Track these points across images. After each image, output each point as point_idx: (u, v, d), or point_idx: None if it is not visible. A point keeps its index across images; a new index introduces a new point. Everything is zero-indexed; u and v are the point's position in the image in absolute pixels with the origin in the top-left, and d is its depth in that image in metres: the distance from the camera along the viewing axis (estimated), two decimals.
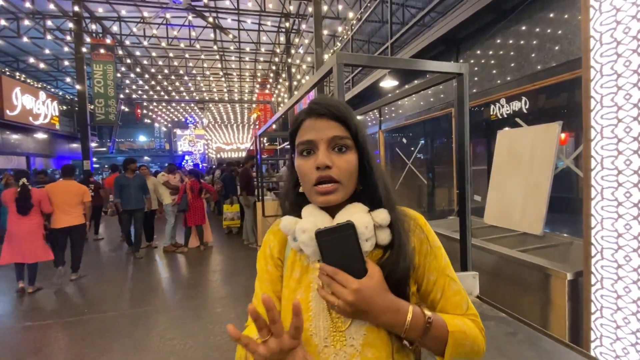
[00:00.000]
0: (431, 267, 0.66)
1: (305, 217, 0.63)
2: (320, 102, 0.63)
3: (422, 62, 1.77)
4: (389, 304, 0.56)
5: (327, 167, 0.59)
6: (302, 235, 0.59)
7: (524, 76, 3.04)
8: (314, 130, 0.61)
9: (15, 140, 9.74)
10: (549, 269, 1.83)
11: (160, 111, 21.92)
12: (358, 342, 0.60)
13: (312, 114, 0.63)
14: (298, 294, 0.64)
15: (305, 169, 0.61)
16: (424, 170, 5.54)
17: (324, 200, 0.60)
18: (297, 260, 0.66)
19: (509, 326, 1.26)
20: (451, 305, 0.65)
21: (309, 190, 0.62)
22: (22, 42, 11.16)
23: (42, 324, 3.33)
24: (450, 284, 0.66)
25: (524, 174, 2.73)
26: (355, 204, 0.63)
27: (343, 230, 0.55)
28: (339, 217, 0.61)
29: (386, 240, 0.61)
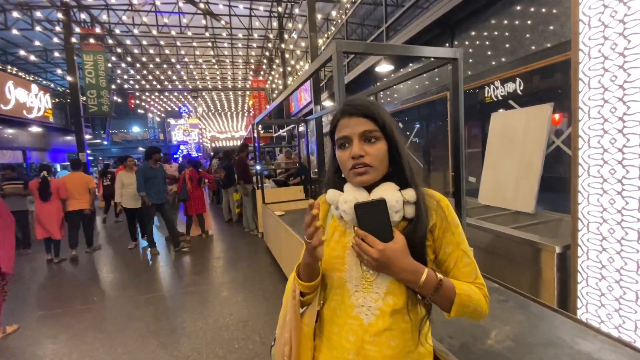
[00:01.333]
0: (447, 241, 0.80)
1: (347, 192, 0.79)
2: (351, 104, 0.78)
3: (419, 48, 1.83)
4: (408, 265, 0.72)
5: (360, 156, 0.75)
6: (344, 205, 0.76)
7: (518, 58, 3.10)
8: (348, 127, 0.77)
9: (10, 134, 9.65)
10: (539, 243, 1.95)
11: (153, 101, 21.63)
12: (382, 290, 0.77)
13: (345, 114, 0.78)
14: (336, 252, 0.82)
15: (344, 159, 0.77)
16: (419, 154, 5.63)
17: (359, 181, 0.76)
18: (337, 225, 0.84)
19: (501, 295, 1.38)
20: (462, 274, 0.80)
21: (347, 174, 0.78)
22: (11, 35, 10.88)
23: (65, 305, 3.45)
24: (462, 257, 0.80)
25: (516, 154, 2.82)
26: (388, 183, 0.78)
27: (377, 205, 0.70)
28: (374, 193, 0.76)
29: (411, 214, 0.76)
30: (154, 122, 28.93)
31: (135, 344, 2.76)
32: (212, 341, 2.73)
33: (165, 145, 27.13)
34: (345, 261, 0.80)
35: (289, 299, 0.84)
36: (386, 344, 0.76)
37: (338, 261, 0.81)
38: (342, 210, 0.77)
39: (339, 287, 0.80)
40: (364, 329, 0.77)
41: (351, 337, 0.78)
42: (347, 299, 0.79)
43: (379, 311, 0.76)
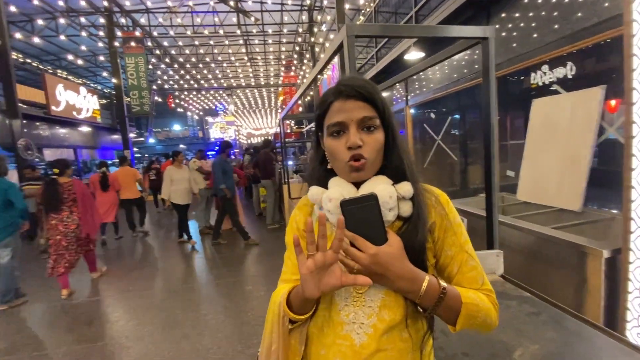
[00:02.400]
0: (450, 243, 0.69)
1: (331, 187, 0.68)
2: (347, 84, 0.65)
3: (442, 27, 1.65)
4: (405, 271, 0.60)
5: (358, 146, 0.63)
6: (329, 203, 0.65)
7: (564, 37, 2.75)
8: (344, 111, 0.64)
9: (63, 134, 10.55)
10: (584, 246, 1.70)
11: (191, 100, 22.59)
12: (376, 303, 0.65)
13: (340, 96, 0.65)
14: None
15: (337, 149, 0.65)
16: (455, 146, 5.30)
17: (356, 177, 0.65)
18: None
19: (533, 306, 1.20)
20: (467, 280, 0.68)
21: (341, 168, 0.66)
22: (61, 41, 11.84)
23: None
24: (467, 260, 0.69)
25: (561, 145, 2.52)
26: (379, 177, 0.67)
27: (366, 201, 0.59)
28: (364, 188, 0.65)
29: (408, 211, 0.65)
30: (193, 120, 30.28)
31: (161, 334, 2.86)
32: (231, 335, 2.76)
33: (204, 143, 28.33)
34: None
35: (275, 324, 0.69)
36: None
37: None
38: (327, 209, 0.65)
39: (326, 302, 0.69)
40: (354, 351, 0.65)
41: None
42: (336, 315, 0.67)
43: (372, 329, 0.65)
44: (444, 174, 5.61)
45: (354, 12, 11.91)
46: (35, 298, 3.79)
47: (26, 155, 7.00)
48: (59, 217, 3.66)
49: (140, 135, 19.40)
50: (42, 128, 9.62)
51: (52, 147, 10.17)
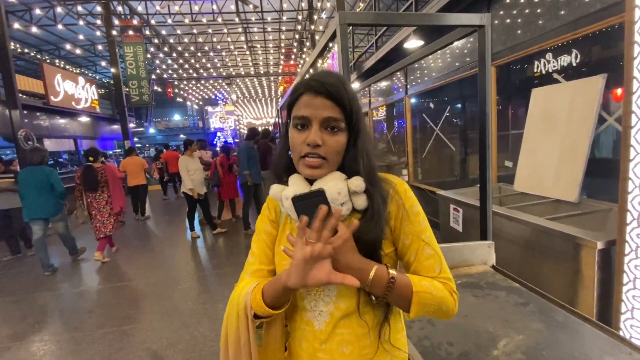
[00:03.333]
0: (406, 231, 0.71)
1: (291, 185, 0.70)
2: (319, 79, 0.65)
3: (438, 15, 1.61)
4: (353, 262, 0.62)
5: (316, 145, 0.64)
6: (286, 202, 0.67)
7: (566, 24, 2.68)
8: (310, 107, 0.65)
9: (62, 124, 10.53)
10: (578, 237, 1.70)
11: (190, 89, 22.42)
12: (333, 292, 0.70)
13: (310, 90, 0.65)
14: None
15: (297, 142, 0.66)
16: (454, 136, 5.25)
17: (310, 174, 0.67)
18: (288, 222, 0.76)
19: (521, 297, 1.20)
20: (424, 268, 0.70)
21: (297, 161, 0.68)
22: (60, 30, 11.70)
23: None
24: (424, 248, 0.70)
25: (559, 135, 2.49)
26: (334, 173, 0.68)
27: (314, 196, 0.62)
28: (315, 185, 0.67)
29: (363, 205, 0.67)
30: (192, 110, 30.11)
31: (161, 322, 2.90)
32: None
33: (204, 133, 28.24)
34: None
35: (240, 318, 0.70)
36: (338, 351, 0.69)
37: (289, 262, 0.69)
38: (285, 207, 0.68)
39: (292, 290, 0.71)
40: (314, 336, 0.71)
41: (304, 344, 0.72)
42: (300, 302, 0.73)
43: (329, 316, 0.69)
44: (442, 164, 5.58)
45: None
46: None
47: (27, 146, 7.00)
48: (93, 196, 4.46)
49: (140, 125, 19.31)
50: (42, 118, 9.60)
51: (52, 137, 10.16)
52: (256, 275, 0.76)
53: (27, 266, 4.66)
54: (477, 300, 1.20)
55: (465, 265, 1.48)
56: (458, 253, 1.49)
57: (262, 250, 0.77)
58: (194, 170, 5.33)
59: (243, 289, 0.72)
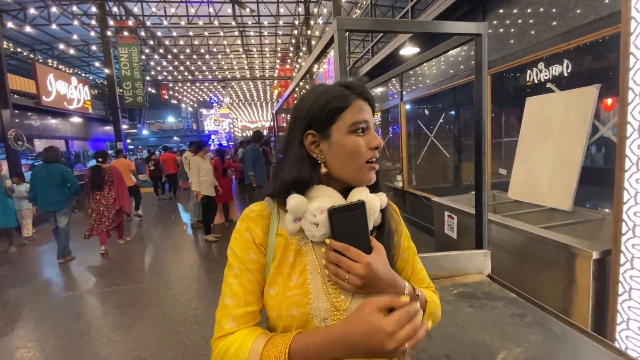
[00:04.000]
0: (404, 247, 0.73)
1: (319, 197, 0.62)
2: (365, 89, 0.66)
3: (435, 23, 1.61)
4: (392, 277, 0.60)
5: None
6: (319, 215, 0.59)
7: (560, 34, 2.72)
8: (365, 112, 0.64)
9: (54, 124, 10.36)
10: (573, 247, 1.69)
11: (185, 92, 22.32)
12: None
13: (362, 96, 0.65)
14: (293, 279, 0.62)
15: (360, 146, 0.62)
16: (449, 143, 5.28)
17: (373, 177, 0.65)
18: (289, 244, 0.64)
19: (518, 307, 1.18)
20: (418, 280, 0.74)
21: (358, 167, 0.63)
22: (54, 29, 11.58)
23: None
24: (418, 262, 0.75)
25: (553, 144, 2.50)
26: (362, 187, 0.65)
27: (356, 209, 0.58)
28: (353, 196, 0.63)
29: (379, 221, 0.65)
30: (187, 112, 29.95)
31: (149, 329, 2.83)
32: None
33: (198, 135, 28.07)
34: (309, 290, 0.61)
35: None
36: None
37: (299, 291, 0.61)
38: (312, 222, 0.59)
39: (302, 326, 0.60)
40: None
41: None
42: None
43: None
44: (436, 171, 5.60)
45: (351, 5, 11.78)
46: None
47: (16, 146, 6.87)
48: (102, 194, 4.83)
49: (133, 127, 19.13)
50: (33, 118, 9.44)
51: (43, 137, 9.99)
52: (243, 321, 0.60)
53: (11, 269, 4.54)
54: (474, 311, 1.18)
55: (461, 274, 1.47)
56: (454, 262, 1.48)
57: (248, 288, 0.62)
58: (205, 172, 5.24)
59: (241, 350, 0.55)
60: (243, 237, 0.66)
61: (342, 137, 0.63)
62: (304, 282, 0.61)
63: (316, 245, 0.63)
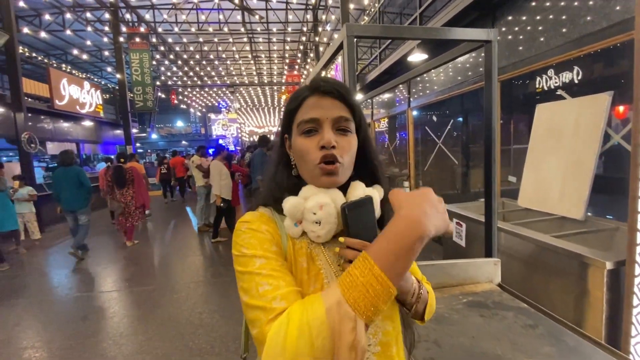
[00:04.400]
0: None
1: (313, 195, 0.58)
2: (327, 80, 0.61)
3: (445, 29, 1.61)
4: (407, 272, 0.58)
5: (332, 146, 0.57)
6: (319, 212, 0.56)
7: (571, 41, 2.70)
8: (320, 108, 0.59)
9: (66, 128, 10.58)
10: (586, 257, 1.66)
11: (194, 97, 22.62)
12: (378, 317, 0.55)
13: (317, 91, 0.60)
14: (311, 286, 0.57)
15: (308, 148, 0.58)
16: (457, 150, 5.24)
17: (329, 181, 0.59)
18: (298, 249, 0.60)
19: (529, 318, 1.16)
20: (413, 272, 0.70)
21: (311, 170, 0.59)
22: (68, 35, 11.87)
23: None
24: None
25: (565, 151, 2.47)
26: (358, 182, 0.63)
27: (366, 204, 0.56)
28: (352, 193, 0.61)
29: (379, 213, 0.62)
30: (195, 117, 30.30)
31: (155, 331, 2.84)
32: (226, 335, 2.73)
33: (206, 139, 28.34)
34: None
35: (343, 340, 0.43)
36: None
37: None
38: (313, 220, 0.56)
39: None
40: None
41: None
42: None
43: (379, 347, 0.57)
44: (444, 178, 5.56)
45: (359, 12, 11.86)
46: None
47: (29, 149, 7.01)
48: (121, 192, 5.25)
49: (143, 131, 19.42)
50: (46, 122, 9.64)
51: (55, 140, 10.20)
52: (293, 298, 0.50)
53: (19, 270, 4.60)
54: (484, 321, 1.16)
55: (471, 282, 1.44)
56: (463, 270, 1.46)
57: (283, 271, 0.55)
58: (225, 175, 5.26)
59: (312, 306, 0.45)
60: (260, 230, 0.58)
61: (295, 139, 0.61)
62: (321, 288, 0.57)
63: (325, 246, 0.60)
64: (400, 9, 10.02)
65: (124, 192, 5.27)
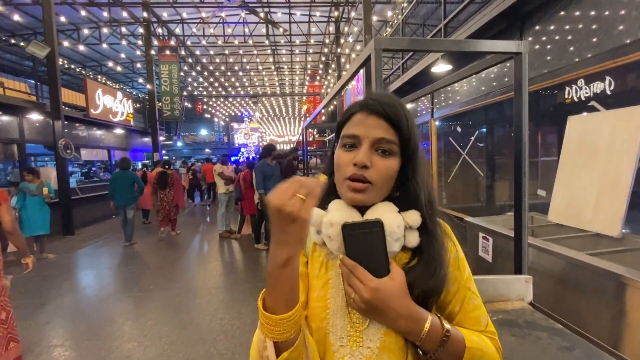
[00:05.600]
0: (453, 278, 0.63)
1: (332, 211, 0.61)
2: (376, 99, 0.60)
3: (474, 42, 1.61)
4: (407, 310, 0.54)
5: (364, 166, 0.57)
6: (330, 229, 0.58)
7: (605, 52, 2.61)
8: (363, 125, 0.59)
9: (99, 135, 11.14)
10: (624, 276, 1.57)
11: (218, 106, 23.31)
12: (375, 344, 0.58)
13: (364, 109, 0.61)
14: (316, 291, 0.62)
15: (343, 161, 0.60)
16: (481, 161, 5.12)
17: (352, 198, 0.59)
18: (315, 255, 0.65)
19: (565, 340, 1.11)
20: (469, 320, 0.62)
21: (340, 183, 0.61)
22: (103, 48, 12.61)
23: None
24: (471, 297, 0.63)
25: (599, 166, 2.37)
26: (386, 203, 0.61)
27: (371, 227, 0.54)
28: (369, 214, 0.60)
29: (414, 242, 0.60)
30: (219, 125, 31.17)
31: (178, 336, 2.90)
32: (247, 342, 2.73)
33: (229, 148, 29.04)
34: (328, 304, 0.61)
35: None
36: None
37: (319, 304, 0.61)
38: (327, 235, 0.59)
39: (319, 342, 0.59)
40: None
41: None
42: (330, 357, 0.59)
43: None
44: (468, 190, 5.43)
45: (382, 23, 11.94)
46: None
47: (65, 155, 7.43)
48: (164, 192, 6.44)
49: (169, 139, 20.15)
50: (80, 129, 10.20)
51: (88, 147, 10.74)
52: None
53: (52, 269, 4.83)
54: (517, 341, 1.12)
55: (501, 300, 1.40)
56: (492, 286, 1.41)
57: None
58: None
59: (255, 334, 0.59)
60: None
61: (337, 151, 0.63)
62: (325, 295, 0.61)
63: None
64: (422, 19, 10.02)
65: (166, 193, 6.43)
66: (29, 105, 7.80)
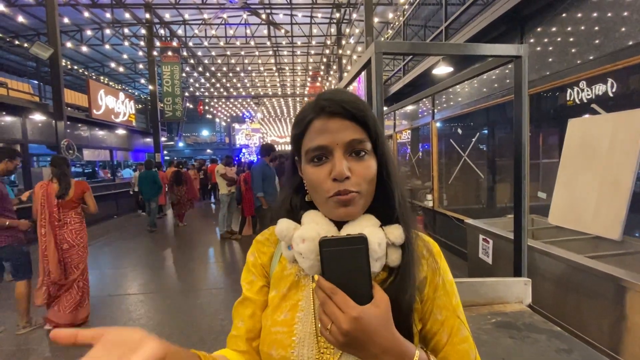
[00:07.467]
0: (440, 304, 0.56)
1: (306, 224, 0.53)
2: (332, 98, 0.51)
3: (474, 45, 1.62)
4: (393, 343, 0.45)
5: (346, 178, 0.50)
6: (301, 244, 0.50)
7: (605, 55, 2.62)
8: (327, 132, 0.51)
9: (101, 135, 11.17)
10: (624, 280, 1.57)
11: (220, 107, 23.37)
12: None
13: (322, 113, 0.52)
14: (282, 314, 0.55)
15: (318, 179, 0.51)
16: (482, 163, 5.13)
17: (345, 213, 0.51)
18: (285, 273, 0.58)
19: (563, 342, 1.12)
20: (457, 353, 0.54)
21: (324, 203, 0.52)
22: (105, 49, 12.68)
23: None
24: (459, 327, 0.56)
25: (599, 168, 2.37)
26: (367, 216, 0.53)
27: (353, 244, 0.45)
28: (347, 229, 0.52)
29: (396, 261, 0.52)
30: (220, 126, 31.25)
31: (178, 337, 2.91)
32: None
33: (230, 149, 29.10)
34: (294, 330, 0.53)
35: None
36: None
37: (283, 330, 0.54)
38: (298, 251, 0.50)
39: None
40: None
41: None
42: None
43: None
44: (468, 191, 5.43)
45: (383, 24, 11.96)
46: None
47: (67, 155, 7.46)
48: (179, 188, 7.65)
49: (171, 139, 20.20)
50: (83, 129, 10.24)
51: (90, 147, 10.79)
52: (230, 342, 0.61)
53: None
54: (515, 343, 1.13)
55: (499, 302, 1.40)
56: (491, 289, 1.42)
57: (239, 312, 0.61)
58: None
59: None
60: (248, 260, 0.64)
61: (305, 168, 0.54)
62: (292, 319, 0.54)
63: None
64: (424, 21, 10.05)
65: (180, 189, 7.68)
66: (32, 106, 7.85)
